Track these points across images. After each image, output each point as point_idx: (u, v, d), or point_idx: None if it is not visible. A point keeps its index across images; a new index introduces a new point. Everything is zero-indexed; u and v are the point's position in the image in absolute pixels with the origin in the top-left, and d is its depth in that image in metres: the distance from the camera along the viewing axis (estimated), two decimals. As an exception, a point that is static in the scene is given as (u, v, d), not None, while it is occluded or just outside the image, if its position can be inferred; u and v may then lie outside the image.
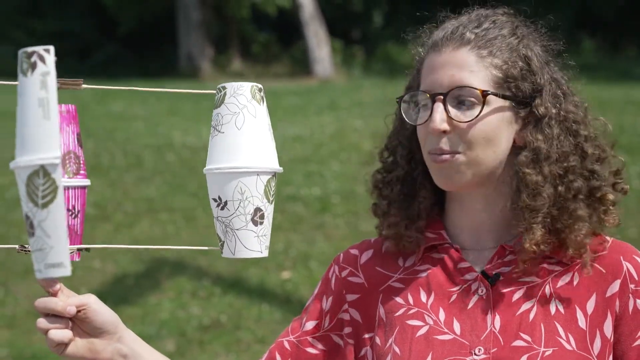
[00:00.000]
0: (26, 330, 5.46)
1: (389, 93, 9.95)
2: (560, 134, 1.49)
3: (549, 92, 1.50)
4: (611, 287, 1.49)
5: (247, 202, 1.39)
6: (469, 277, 1.53)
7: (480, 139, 1.47)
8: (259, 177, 1.41)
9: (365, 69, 17.60)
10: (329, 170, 8.58)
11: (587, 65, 14.18)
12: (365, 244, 1.67)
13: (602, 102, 10.14)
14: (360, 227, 6.84)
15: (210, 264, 6.32)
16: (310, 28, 17.17)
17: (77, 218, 1.42)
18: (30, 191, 1.17)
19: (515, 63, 1.49)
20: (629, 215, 6.29)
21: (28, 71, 1.17)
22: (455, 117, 1.47)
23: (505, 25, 1.53)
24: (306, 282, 5.91)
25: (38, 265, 1.19)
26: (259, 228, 1.40)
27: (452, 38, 1.50)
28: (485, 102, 1.46)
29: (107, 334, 1.44)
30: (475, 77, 1.47)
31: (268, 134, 1.43)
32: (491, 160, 1.49)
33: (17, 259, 6.54)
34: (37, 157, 1.15)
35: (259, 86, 1.43)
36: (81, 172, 1.42)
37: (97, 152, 9.47)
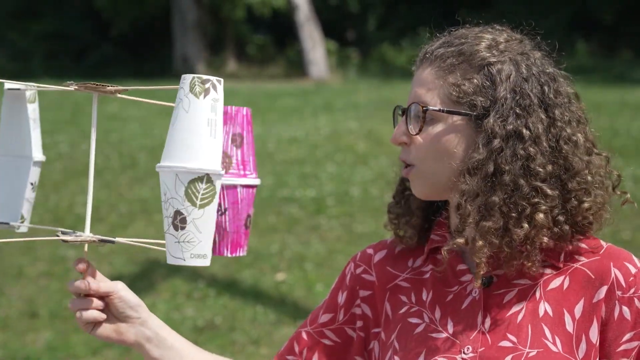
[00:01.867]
0: (20, 332, 5.45)
1: (384, 95, 10.03)
2: (505, 149, 1.50)
3: (505, 107, 1.51)
4: (598, 293, 1.52)
5: (168, 205, 1.38)
6: (465, 279, 1.58)
7: (430, 152, 1.55)
8: (178, 177, 1.37)
9: (361, 70, 17.61)
10: (324, 171, 8.58)
11: (583, 68, 14.22)
12: (381, 245, 1.75)
13: (597, 104, 10.15)
14: (355, 229, 6.83)
15: (205, 265, 6.31)
16: (306, 30, 17.17)
17: (224, 215, 1.57)
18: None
19: (469, 79, 1.53)
20: (622, 218, 6.31)
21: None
22: (410, 130, 1.56)
23: (483, 42, 1.56)
24: (301, 283, 5.91)
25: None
26: (180, 233, 1.38)
27: (425, 57, 1.59)
28: (426, 117, 1.54)
29: (132, 318, 1.58)
30: (430, 94, 1.55)
31: (204, 130, 1.38)
32: (447, 172, 1.54)
33: (10, 261, 6.53)
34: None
35: (203, 78, 1.40)
36: (231, 170, 1.56)
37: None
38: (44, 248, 6.73)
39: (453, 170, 1.54)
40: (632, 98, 11.66)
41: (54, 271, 6.35)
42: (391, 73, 16.32)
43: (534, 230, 1.49)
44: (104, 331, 1.58)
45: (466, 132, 1.53)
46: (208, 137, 1.38)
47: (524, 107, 1.51)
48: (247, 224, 1.61)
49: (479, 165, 1.50)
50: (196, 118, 1.39)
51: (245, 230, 1.61)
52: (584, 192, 1.53)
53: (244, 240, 1.62)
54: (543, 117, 1.52)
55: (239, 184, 1.57)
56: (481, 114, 1.52)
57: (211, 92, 1.39)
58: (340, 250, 6.40)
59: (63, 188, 8.22)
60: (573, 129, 1.55)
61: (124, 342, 1.58)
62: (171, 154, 1.39)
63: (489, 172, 1.50)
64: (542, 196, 1.49)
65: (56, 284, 6.14)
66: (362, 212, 7.12)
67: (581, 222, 1.54)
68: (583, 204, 1.52)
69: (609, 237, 1.62)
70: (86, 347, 5.18)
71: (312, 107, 12.31)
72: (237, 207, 1.58)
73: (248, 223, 1.61)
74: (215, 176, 1.39)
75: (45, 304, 5.83)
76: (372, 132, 10.00)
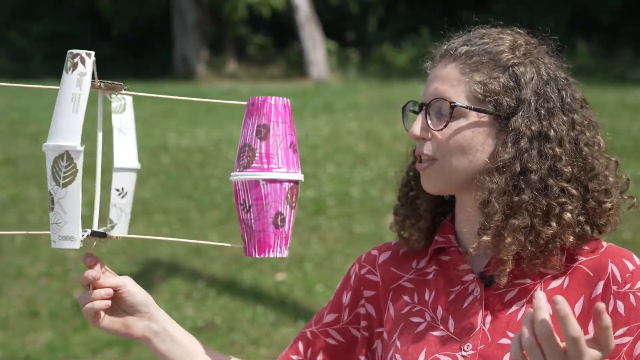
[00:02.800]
0: (20, 332, 5.45)
1: (384, 95, 10.03)
2: (530, 150, 1.54)
3: (531, 108, 1.55)
4: (596, 288, 1.54)
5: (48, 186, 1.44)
6: (467, 279, 1.61)
7: (453, 148, 1.56)
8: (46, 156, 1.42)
9: (361, 71, 17.61)
10: (324, 172, 8.58)
11: (583, 68, 14.21)
12: (386, 246, 1.77)
13: (597, 105, 10.11)
14: (355, 229, 6.83)
15: (205, 265, 6.31)
16: (306, 30, 17.17)
17: (248, 213, 1.52)
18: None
19: (496, 78, 1.56)
20: (623, 219, 6.28)
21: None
22: (431, 126, 1.57)
23: (504, 42, 1.60)
24: (300, 284, 5.91)
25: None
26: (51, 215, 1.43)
27: (446, 54, 1.61)
28: (453, 113, 1.55)
29: (140, 312, 1.59)
30: (454, 90, 1.57)
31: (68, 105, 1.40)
32: (467, 168, 1.57)
33: (10, 261, 6.53)
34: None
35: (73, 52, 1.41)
36: (253, 164, 1.50)
37: (92, 153, 9.45)
38: (44, 248, 6.73)
39: (473, 167, 1.57)
40: (632, 98, 11.65)
41: (54, 271, 6.34)
42: (391, 73, 16.31)
43: (562, 229, 1.53)
44: (112, 324, 1.57)
45: (490, 131, 1.57)
46: (70, 112, 1.36)
47: (548, 109, 1.56)
48: (277, 223, 1.51)
49: (507, 164, 1.54)
50: (63, 94, 1.37)
51: (276, 230, 1.51)
52: (604, 193, 1.58)
53: (275, 240, 1.52)
54: (565, 119, 1.56)
55: (261, 178, 1.49)
56: (507, 114, 1.56)
57: (79, 67, 1.37)
58: (340, 251, 6.40)
59: (63, 188, 8.22)
60: (592, 132, 1.60)
61: (131, 335, 1.59)
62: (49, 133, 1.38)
63: (516, 171, 1.53)
64: (568, 196, 1.53)
65: (56, 284, 6.14)
66: (361, 213, 7.12)
67: (600, 222, 1.58)
68: (605, 204, 1.57)
69: (610, 237, 1.64)
70: (86, 347, 5.18)
71: (312, 108, 12.31)
72: (261, 204, 1.50)
73: (279, 222, 1.51)
74: (75, 153, 1.37)
75: (45, 304, 5.83)
76: (372, 133, 9.99)
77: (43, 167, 1.74)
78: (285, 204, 1.51)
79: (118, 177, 1.73)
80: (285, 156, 1.52)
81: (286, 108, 1.52)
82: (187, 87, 15.10)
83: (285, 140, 1.52)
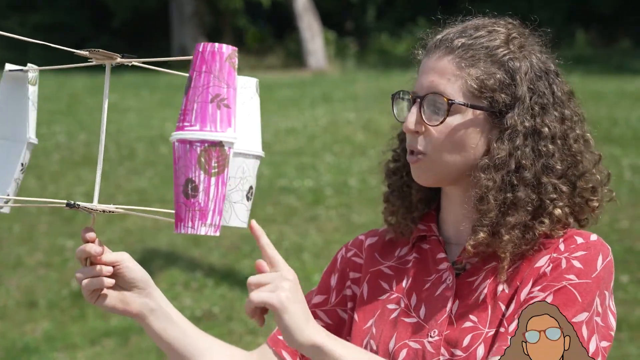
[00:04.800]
0: (18, 322, 5.46)
1: (383, 85, 10.04)
2: (524, 146, 1.55)
3: (525, 105, 1.56)
4: (541, 260, 1.55)
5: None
6: (442, 267, 1.63)
7: (446, 144, 1.57)
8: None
9: (359, 61, 17.57)
10: (322, 162, 8.58)
11: (582, 58, 14.20)
12: (373, 232, 1.79)
13: (596, 94, 10.14)
14: (353, 219, 6.83)
15: (203, 255, 6.32)
16: (304, 20, 17.13)
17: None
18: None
19: (493, 75, 1.56)
20: (620, 208, 6.31)
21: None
22: (426, 120, 1.57)
23: (499, 36, 1.60)
24: (299, 274, 5.87)
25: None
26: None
27: (441, 45, 1.59)
28: (450, 110, 1.55)
29: (137, 289, 1.57)
30: (450, 86, 1.56)
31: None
32: (459, 164, 1.58)
33: (9, 251, 6.53)
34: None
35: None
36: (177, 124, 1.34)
37: (89, 143, 9.45)
38: (43, 238, 6.73)
39: (464, 163, 1.57)
40: (631, 88, 11.64)
41: (53, 261, 6.35)
42: (390, 63, 16.29)
43: (553, 225, 1.55)
44: (109, 301, 1.54)
45: (485, 127, 1.57)
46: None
47: (541, 105, 1.57)
48: (187, 192, 1.28)
49: (503, 161, 1.54)
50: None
51: (186, 200, 1.28)
52: (590, 191, 1.59)
53: (186, 213, 1.28)
54: (556, 115, 1.57)
55: (174, 139, 1.29)
56: (501, 110, 1.56)
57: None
58: (338, 241, 6.40)
59: (60, 178, 8.21)
60: (580, 127, 1.61)
61: (128, 312, 1.56)
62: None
63: (511, 168, 1.54)
64: (559, 192, 1.55)
65: (54, 274, 6.14)
66: (360, 203, 7.12)
67: (583, 217, 1.60)
68: (592, 203, 1.59)
69: (607, 226, 1.65)
70: (84, 337, 5.19)
71: (311, 98, 12.29)
72: (175, 169, 1.30)
73: (190, 190, 1.27)
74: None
75: (43, 293, 5.83)
76: (370, 123, 9.99)
77: (40, 158, 1.72)
78: (197, 169, 1.28)
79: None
80: (202, 111, 1.28)
81: (215, 55, 1.29)
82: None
83: (205, 94, 1.28)
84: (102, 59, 1.50)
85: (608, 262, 1.53)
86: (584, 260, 1.51)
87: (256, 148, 1.46)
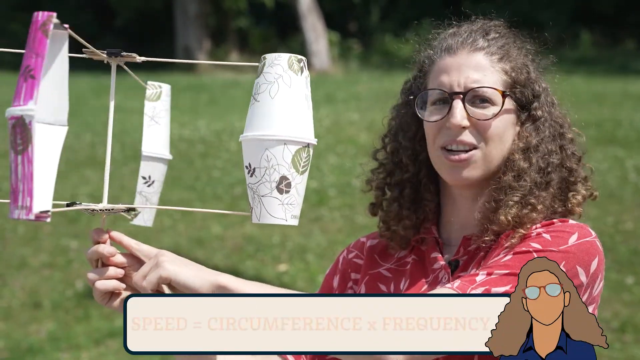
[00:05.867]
0: (22, 323, 5.46)
1: (386, 86, 10.04)
2: (550, 135, 1.64)
3: (544, 98, 1.66)
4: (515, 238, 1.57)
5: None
6: (436, 267, 1.65)
7: (495, 136, 1.61)
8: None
9: (363, 62, 17.57)
10: (325, 163, 8.58)
11: (585, 59, 14.19)
12: (374, 235, 1.80)
13: (600, 95, 10.13)
14: (357, 220, 6.84)
15: (207, 256, 6.32)
16: (308, 21, 17.14)
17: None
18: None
19: (521, 70, 1.64)
20: (625, 209, 6.29)
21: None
22: (475, 114, 1.60)
23: (509, 35, 1.69)
24: (303, 274, 5.91)
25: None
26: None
27: (466, 43, 1.64)
28: (495, 102, 1.61)
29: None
30: (488, 80, 1.61)
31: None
32: (499, 157, 1.62)
33: (13, 251, 6.54)
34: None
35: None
36: None
37: (94, 144, 9.46)
38: (47, 238, 6.74)
39: (501, 156, 1.63)
40: (635, 89, 11.63)
41: (57, 262, 6.35)
42: (393, 64, 16.28)
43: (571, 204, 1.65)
44: (120, 304, 1.54)
45: (514, 120, 1.64)
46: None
47: (551, 101, 1.68)
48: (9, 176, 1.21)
49: (535, 147, 1.62)
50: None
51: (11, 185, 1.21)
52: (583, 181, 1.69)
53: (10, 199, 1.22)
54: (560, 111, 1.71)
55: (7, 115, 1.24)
56: (526, 103, 1.65)
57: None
58: (342, 242, 6.40)
59: (65, 179, 8.22)
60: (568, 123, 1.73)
61: None
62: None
63: (544, 153, 1.63)
64: (574, 174, 1.66)
65: (59, 275, 6.15)
66: (363, 204, 7.09)
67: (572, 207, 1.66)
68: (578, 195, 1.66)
69: (611, 227, 1.66)
70: (88, 338, 5.19)
71: (314, 99, 12.22)
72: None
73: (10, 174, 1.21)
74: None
75: (48, 294, 5.84)
76: (374, 124, 9.98)
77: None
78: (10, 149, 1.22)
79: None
80: (16, 86, 1.23)
81: (32, 25, 1.25)
82: (189, 77, 15.08)
83: (22, 67, 1.24)
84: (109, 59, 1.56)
85: (585, 243, 1.53)
86: (554, 234, 1.54)
87: (283, 132, 1.45)
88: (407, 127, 1.73)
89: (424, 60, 1.71)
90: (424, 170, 1.72)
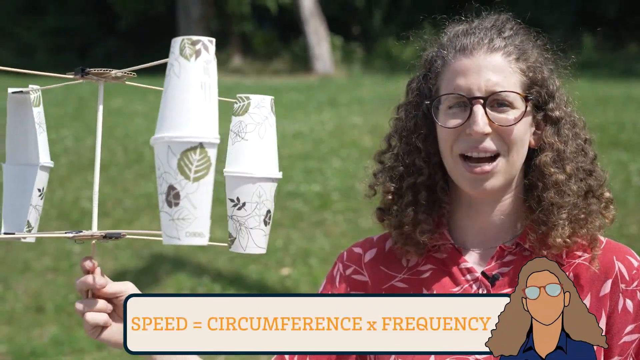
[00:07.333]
0: (25, 326, 5.47)
1: (389, 90, 10.02)
2: (570, 136, 1.56)
3: (559, 97, 1.58)
4: (604, 287, 1.53)
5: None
6: (470, 278, 1.57)
7: (518, 141, 1.53)
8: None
9: (365, 65, 17.57)
10: (328, 166, 8.57)
11: (589, 63, 14.17)
12: (369, 243, 1.68)
13: (603, 99, 10.12)
14: (360, 224, 6.83)
15: (210, 260, 6.32)
16: (311, 24, 17.15)
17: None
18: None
19: (536, 69, 1.55)
20: (629, 212, 6.28)
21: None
22: (497, 119, 1.51)
23: (522, 32, 1.60)
24: (306, 278, 5.91)
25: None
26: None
27: (482, 43, 1.54)
28: (515, 105, 1.52)
29: None
30: (508, 82, 1.52)
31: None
32: (519, 162, 1.55)
33: (17, 255, 6.54)
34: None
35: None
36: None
37: (97, 148, 9.45)
38: (51, 243, 6.74)
39: (521, 162, 1.55)
40: (639, 92, 11.61)
41: (60, 266, 6.35)
42: (396, 68, 16.29)
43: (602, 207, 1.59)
44: (111, 336, 1.47)
45: (529, 119, 1.56)
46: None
47: (566, 99, 1.60)
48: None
49: (563, 152, 1.55)
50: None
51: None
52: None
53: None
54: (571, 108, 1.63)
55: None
56: (542, 103, 1.56)
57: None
58: (345, 246, 6.37)
59: (68, 183, 8.22)
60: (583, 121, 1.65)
61: None
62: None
63: (575, 158, 1.56)
64: (596, 175, 1.60)
65: (62, 279, 6.15)
66: (367, 208, 7.09)
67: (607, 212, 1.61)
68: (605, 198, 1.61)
69: (615, 231, 1.65)
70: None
71: (317, 102, 12.29)
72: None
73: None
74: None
75: (51, 298, 5.84)
76: (377, 127, 9.98)
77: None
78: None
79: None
80: None
81: None
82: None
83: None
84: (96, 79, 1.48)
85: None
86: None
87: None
88: (419, 129, 1.61)
89: (435, 60, 1.60)
90: (439, 174, 1.60)
